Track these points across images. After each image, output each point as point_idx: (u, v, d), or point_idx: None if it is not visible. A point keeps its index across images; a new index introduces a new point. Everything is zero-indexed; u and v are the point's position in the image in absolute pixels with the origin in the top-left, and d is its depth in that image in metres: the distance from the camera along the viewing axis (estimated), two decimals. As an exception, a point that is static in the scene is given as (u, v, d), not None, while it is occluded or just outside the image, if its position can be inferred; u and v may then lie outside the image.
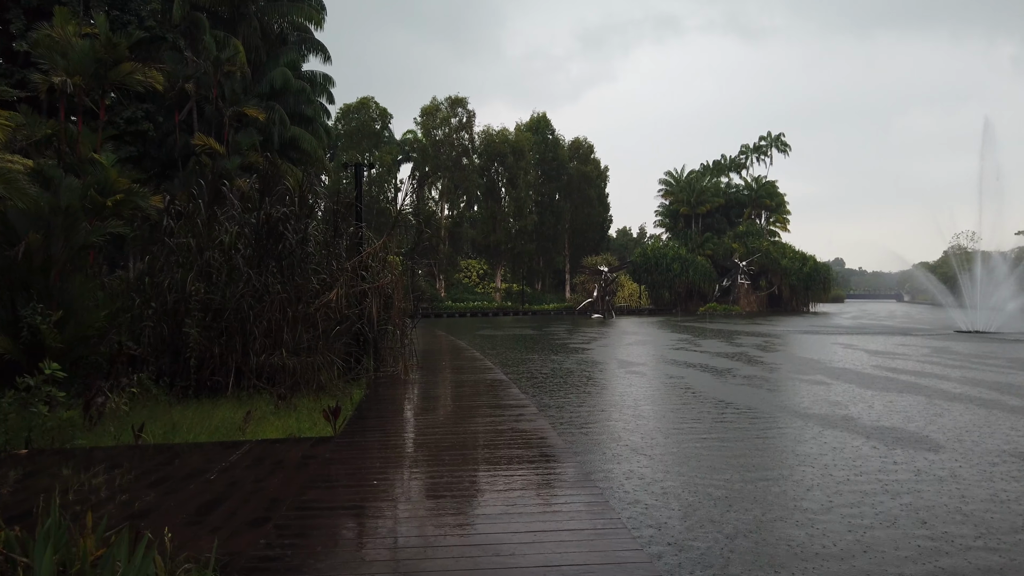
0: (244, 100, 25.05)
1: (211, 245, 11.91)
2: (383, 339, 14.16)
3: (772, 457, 9.21)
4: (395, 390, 11.82)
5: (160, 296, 11.65)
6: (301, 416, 9.72)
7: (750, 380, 17.38)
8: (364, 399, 10.81)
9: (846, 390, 15.63)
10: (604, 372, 19.48)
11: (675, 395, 14.95)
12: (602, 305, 61.48)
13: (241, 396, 11.60)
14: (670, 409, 13.11)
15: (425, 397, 11.28)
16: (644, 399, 14.29)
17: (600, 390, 15.85)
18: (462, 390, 12.19)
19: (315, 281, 11.95)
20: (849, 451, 9.51)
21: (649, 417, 12.07)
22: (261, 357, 11.54)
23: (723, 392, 15.19)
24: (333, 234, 12.79)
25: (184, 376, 11.67)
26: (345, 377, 12.74)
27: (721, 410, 12.82)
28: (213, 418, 9.31)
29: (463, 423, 8.83)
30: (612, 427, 11.02)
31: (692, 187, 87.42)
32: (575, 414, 12.13)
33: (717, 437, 10.38)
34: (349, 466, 6.62)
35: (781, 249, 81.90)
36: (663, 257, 78.14)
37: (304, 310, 11.89)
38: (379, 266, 13.22)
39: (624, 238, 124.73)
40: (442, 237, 68.45)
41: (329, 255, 12.74)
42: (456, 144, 69.25)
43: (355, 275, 12.88)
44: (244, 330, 11.85)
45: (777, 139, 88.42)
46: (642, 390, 15.70)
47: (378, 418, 9.16)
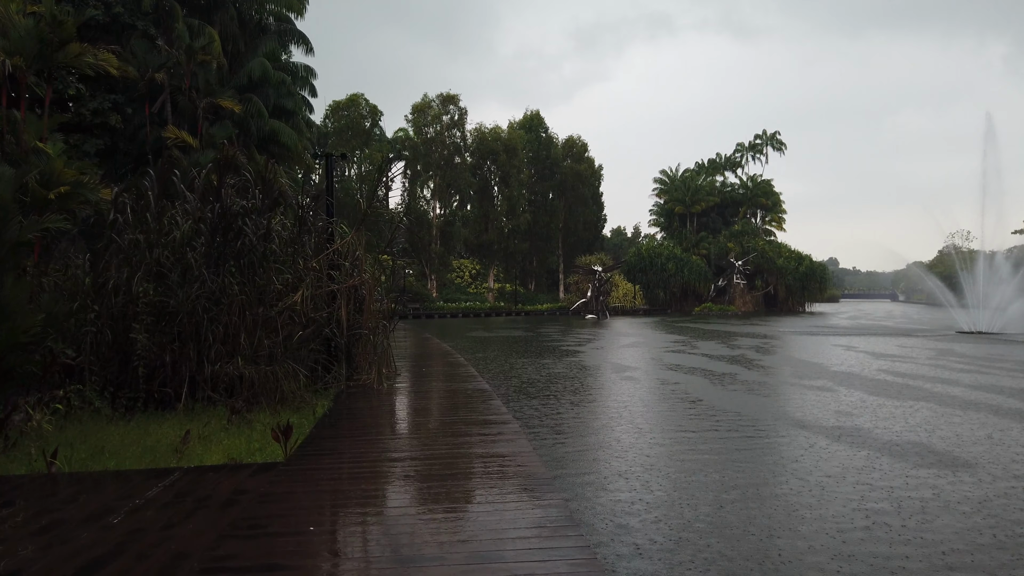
0: (219, 92, 23.89)
1: (161, 242, 10.80)
2: (357, 345, 13.05)
3: (786, 486, 8.15)
4: (364, 402, 10.71)
5: (104, 298, 10.53)
6: (254, 434, 8.62)
7: (751, 387, 16.34)
8: (327, 414, 9.71)
9: (853, 397, 14.60)
10: (597, 378, 18.42)
11: (673, 405, 13.88)
12: (596, 305, 60.45)
13: (196, 409, 10.51)
14: (668, 423, 12.04)
15: (396, 411, 10.17)
16: (640, 410, 13.22)
17: (592, 400, 14.79)
18: (439, 403, 11.08)
19: (277, 282, 10.84)
20: (874, 472, 8.45)
21: (645, 432, 11.00)
22: (216, 366, 10.44)
23: (724, 400, 14.14)
24: (298, 230, 11.66)
25: (133, 387, 10.58)
26: (313, 387, 11.65)
27: (723, 422, 11.76)
28: (150, 438, 8.21)
29: (433, 445, 7.74)
30: (604, 447, 9.94)
31: (687, 186, 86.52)
32: (562, 432, 11.04)
33: (720, 459, 9.32)
34: (287, 504, 5.53)
35: (777, 248, 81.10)
36: (658, 256, 77.22)
37: (265, 313, 10.78)
38: (351, 265, 12.11)
39: (618, 238, 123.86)
40: (434, 236, 67.29)
41: (295, 253, 11.64)
42: (448, 142, 68.09)
43: (323, 274, 11.77)
44: (199, 336, 10.75)
45: (772, 137, 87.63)
46: (638, 399, 14.64)
47: (337, 438, 8.06)
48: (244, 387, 10.16)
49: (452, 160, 68.40)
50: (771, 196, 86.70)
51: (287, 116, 28.24)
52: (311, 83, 31.77)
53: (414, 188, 68.69)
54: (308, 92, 31.92)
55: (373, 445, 7.71)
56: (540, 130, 78.69)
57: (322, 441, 7.86)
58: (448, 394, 11.77)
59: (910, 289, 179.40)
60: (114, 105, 20.23)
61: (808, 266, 79.23)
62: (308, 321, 11.19)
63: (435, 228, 67.61)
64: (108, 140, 21.92)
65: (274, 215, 11.76)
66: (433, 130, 67.52)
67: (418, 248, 66.70)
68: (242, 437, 8.50)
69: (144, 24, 22.77)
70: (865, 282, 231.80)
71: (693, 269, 77.50)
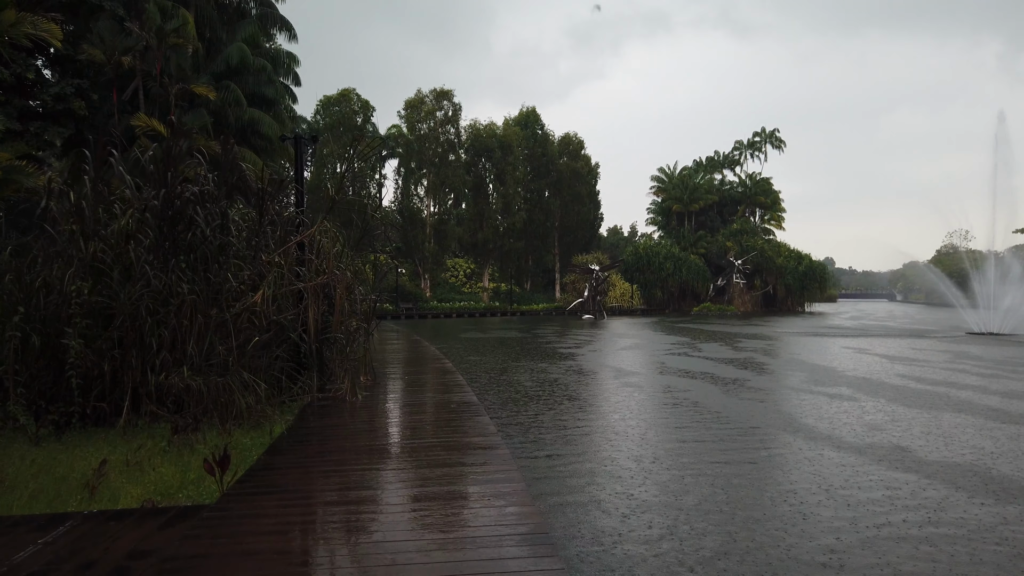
0: (194, 78, 22.44)
1: (101, 233, 9.40)
2: (330, 350, 11.64)
3: (845, 535, 6.78)
4: (331, 419, 9.30)
5: (30, 299, 9.13)
6: (195, 460, 7.25)
7: (765, 395, 14.99)
8: (286, 434, 8.31)
9: (879, 407, 13.26)
10: (597, 385, 17.05)
11: (683, 418, 12.51)
12: (593, 305, 59.06)
13: (139, 425, 9.14)
14: (680, 441, 10.67)
15: (364, 431, 8.74)
16: (647, 424, 11.85)
17: (593, 413, 13.41)
18: (417, 419, 9.66)
19: (232, 279, 9.43)
20: (940, 511, 7.09)
21: (655, 456, 9.64)
22: (161, 376, 9.05)
23: (738, 412, 12.78)
24: (259, 219, 10.24)
25: (67, 400, 9.18)
26: (277, 400, 10.26)
27: (742, 440, 10.41)
28: (62, 466, 6.82)
29: (401, 483, 6.35)
30: (607, 479, 8.56)
31: (685, 184, 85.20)
32: (558, 457, 9.65)
33: (745, 487, 7.96)
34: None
35: (776, 248, 79.84)
36: (655, 255, 75.88)
37: (219, 316, 9.38)
38: (318, 259, 10.70)
39: (615, 237, 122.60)
40: (427, 235, 65.84)
41: (258, 246, 10.23)
42: (442, 139, 66.63)
43: (288, 271, 10.37)
44: (143, 342, 9.36)
45: (771, 135, 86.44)
46: (644, 411, 13.27)
47: (286, 468, 6.66)
48: (192, 401, 8.77)
49: (446, 157, 66.92)
50: (770, 194, 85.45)
51: (268, 105, 26.74)
52: (294, 71, 30.23)
53: (407, 186, 67.21)
54: (291, 81, 30.41)
55: (328, 479, 6.31)
56: (536, 127, 77.22)
57: (268, 473, 6.47)
58: (430, 408, 10.36)
59: (907, 289, 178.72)
60: (78, 91, 18.78)
61: (808, 265, 77.97)
62: (270, 324, 9.79)
63: (429, 226, 66.18)
64: (74, 129, 20.49)
65: (234, 204, 10.37)
66: (427, 126, 66.05)
67: (411, 247, 65.26)
68: (178, 465, 7.12)
69: (112, 4, 21.26)
70: (861, 282, 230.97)
71: (691, 268, 76.19)
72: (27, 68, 18.72)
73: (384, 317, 53.00)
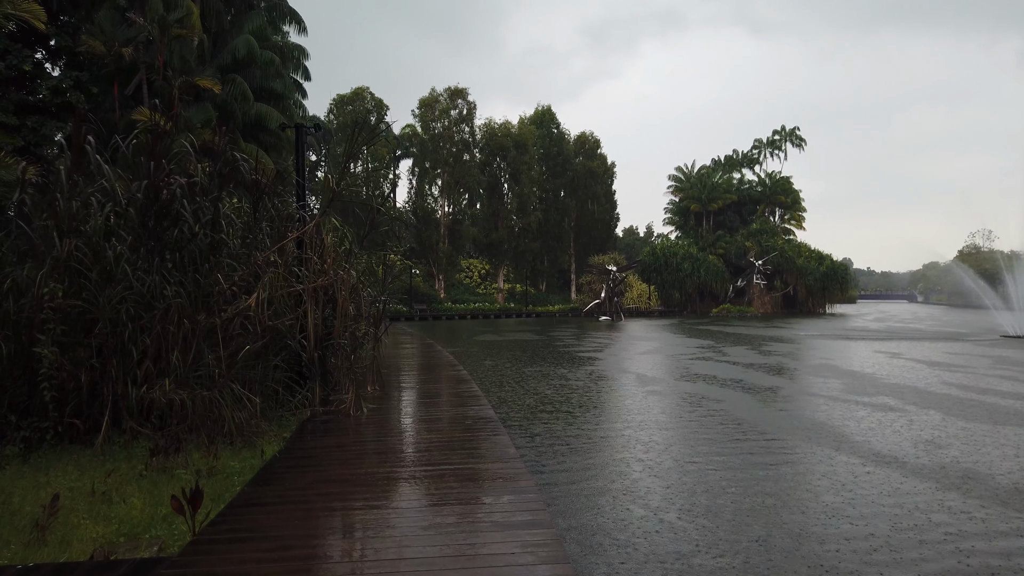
0: (199, 71, 21.63)
1: (81, 230, 8.49)
2: (334, 358, 10.68)
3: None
4: (331, 438, 8.31)
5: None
6: (173, 487, 6.31)
7: (805, 406, 13.89)
8: (278, 456, 7.34)
9: (931, 420, 12.14)
10: (620, 393, 16.01)
11: (721, 433, 11.44)
12: (610, 307, 57.92)
13: (121, 443, 8.23)
14: (726, 468, 9.62)
15: (368, 455, 7.71)
16: (679, 440, 10.81)
17: (618, 425, 12.37)
18: (429, 439, 8.60)
19: (224, 281, 8.48)
20: None
21: (697, 486, 8.60)
22: (143, 389, 8.12)
23: (778, 425, 11.70)
24: (254, 215, 9.29)
25: (41, 415, 8.28)
26: (274, 414, 9.31)
27: (791, 462, 9.35)
28: (17, 496, 5.90)
29: (408, 526, 5.35)
30: (642, 512, 7.54)
31: (703, 183, 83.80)
32: (585, 481, 8.64)
33: (812, 524, 6.91)
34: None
35: (796, 248, 78.29)
36: (673, 256, 74.58)
37: (209, 321, 8.44)
38: (319, 258, 9.74)
39: (630, 237, 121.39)
40: (442, 235, 64.97)
41: (253, 244, 9.29)
42: (456, 138, 65.73)
43: (286, 271, 9.42)
44: (124, 351, 8.44)
45: (792, 133, 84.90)
46: (674, 424, 12.22)
47: (270, 506, 5.68)
48: (174, 418, 7.83)
49: (461, 157, 66.04)
50: (790, 193, 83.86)
51: (276, 100, 25.86)
52: (304, 65, 29.36)
53: (421, 186, 66.39)
54: (301, 75, 29.55)
55: (321, 520, 5.32)
56: (551, 126, 76.20)
57: (252, 511, 5.50)
58: (444, 425, 9.34)
59: (928, 290, 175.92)
60: (77, 83, 17.99)
61: (829, 266, 76.36)
62: (265, 331, 8.84)
63: (443, 227, 65.33)
64: (70, 123, 19.68)
65: (227, 198, 9.45)
66: (441, 125, 65.22)
67: (425, 247, 64.44)
68: (152, 495, 6.19)
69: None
70: (880, 283, 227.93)
71: (710, 269, 74.80)
72: (24, 60, 17.97)
73: (397, 319, 52.18)
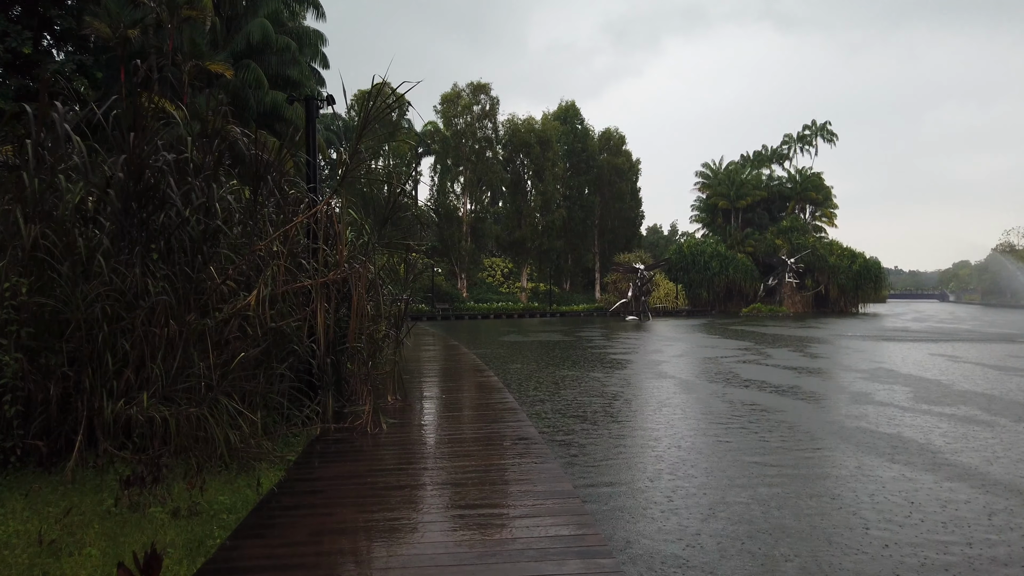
0: (211, 56, 20.48)
1: (43, 215, 7.20)
2: (350, 363, 9.32)
3: None
4: (343, 464, 6.90)
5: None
6: (140, 534, 4.99)
7: (878, 418, 12.31)
8: (274, 492, 5.97)
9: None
10: (665, 401, 14.50)
11: (789, 455, 9.94)
12: (637, 306, 56.22)
13: (95, 467, 6.94)
14: (818, 487, 8.13)
15: (387, 489, 6.13)
16: (752, 466, 9.32)
17: (673, 443, 10.90)
18: (459, 465, 6.97)
19: (215, 275, 7.13)
20: None
21: (808, 530, 7.13)
22: (119, 404, 6.81)
23: (857, 441, 10.16)
24: (253, 198, 7.94)
25: (3, 433, 7.02)
26: (279, 431, 7.96)
27: (893, 492, 7.82)
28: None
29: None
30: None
31: (731, 179, 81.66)
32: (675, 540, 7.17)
33: None
34: None
35: (828, 246, 75.99)
36: (700, 254, 72.66)
37: (199, 323, 7.10)
38: (336, 250, 8.37)
39: (654, 236, 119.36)
40: (464, 233, 63.65)
41: (255, 231, 7.94)
42: (479, 135, 64.34)
43: (290, 263, 8.06)
44: (100, 358, 7.14)
45: (823, 128, 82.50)
46: (739, 443, 10.73)
47: (259, 573, 4.29)
48: (155, 439, 6.51)
49: (483, 153, 64.65)
50: (821, 190, 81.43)
51: (292, 87, 24.65)
52: (322, 51, 28.03)
53: (443, 183, 65.13)
54: (319, 63, 28.28)
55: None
56: (575, 122, 74.54)
57: (230, 567, 4.12)
58: (477, 448, 7.85)
59: (960, 289, 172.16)
60: (80, 67, 16.89)
61: (862, 264, 73.98)
62: (267, 333, 7.49)
63: (465, 225, 64.00)
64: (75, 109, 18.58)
65: (226, 179, 8.12)
66: (463, 121, 63.85)
67: (447, 245, 63.18)
68: (113, 544, 4.85)
69: (120, -28, 19.38)
70: (908, 282, 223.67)
71: (738, 267, 72.76)
72: (23, 42, 16.87)
73: (419, 318, 50.96)
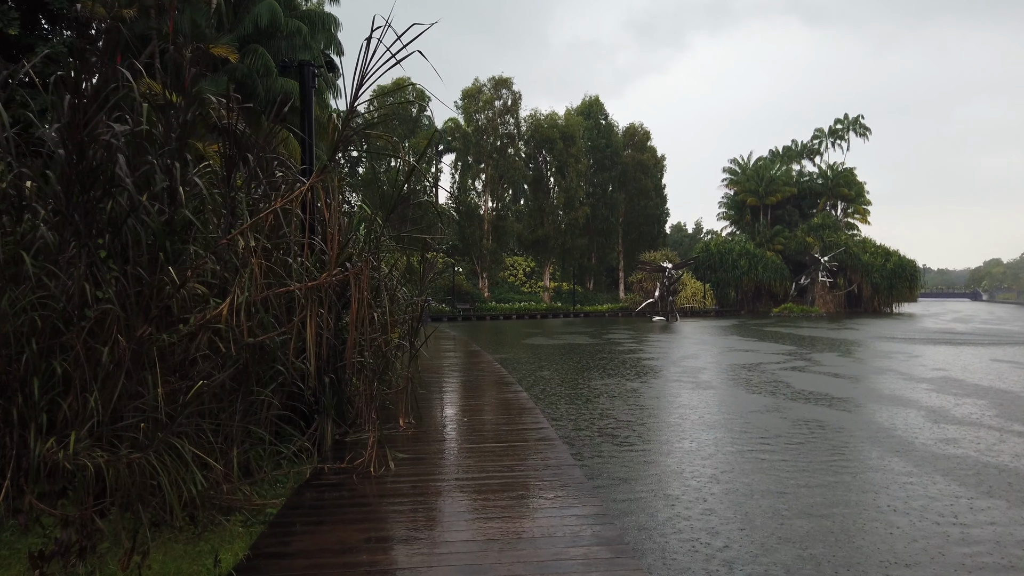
0: (215, 39, 19.13)
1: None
2: (357, 381, 7.77)
3: None
4: (334, 529, 5.25)
5: None
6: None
7: (972, 442, 10.55)
8: (240, 568, 4.40)
9: None
10: (719, 421, 12.81)
11: (897, 490, 8.24)
12: (664, 306, 54.33)
13: (17, 526, 5.45)
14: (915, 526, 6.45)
15: (394, 571, 4.62)
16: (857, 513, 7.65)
17: (735, 470, 9.23)
18: (489, 530, 5.29)
19: (175, 276, 5.59)
20: None
21: None
22: (50, 443, 5.31)
23: (964, 474, 8.44)
24: (226, 180, 6.41)
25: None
26: (265, 471, 6.41)
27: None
28: None
29: None
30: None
31: (760, 175, 79.31)
32: None
33: None
34: None
35: (860, 244, 73.51)
36: (728, 252, 70.57)
37: (156, 339, 5.58)
38: (335, 246, 6.80)
39: (678, 234, 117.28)
40: (485, 232, 62.16)
41: (228, 223, 6.41)
42: (500, 131, 62.79)
43: (280, 262, 6.51)
44: (29, 387, 5.64)
45: (855, 122, 79.93)
46: (813, 474, 9.04)
47: None
48: (89, 493, 4.99)
49: (505, 150, 63.12)
50: (854, 186, 78.83)
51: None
52: (336, 38, 26.52)
53: (464, 180, 63.70)
54: (333, 49, 26.76)
55: None
56: (599, 117, 72.74)
57: None
58: (510, 500, 6.22)
59: (994, 288, 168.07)
60: (72, 51, 15.62)
61: (896, 263, 71.43)
62: (242, 350, 5.94)
63: (487, 223, 62.52)
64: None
65: (190, 157, 6.60)
66: (484, 116, 62.35)
67: (468, 244, 61.75)
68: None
69: (117, -49, 18.08)
70: (936, 280, 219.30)
71: (768, 266, 70.53)
72: (9, 23, 15.59)
73: (440, 319, 49.54)
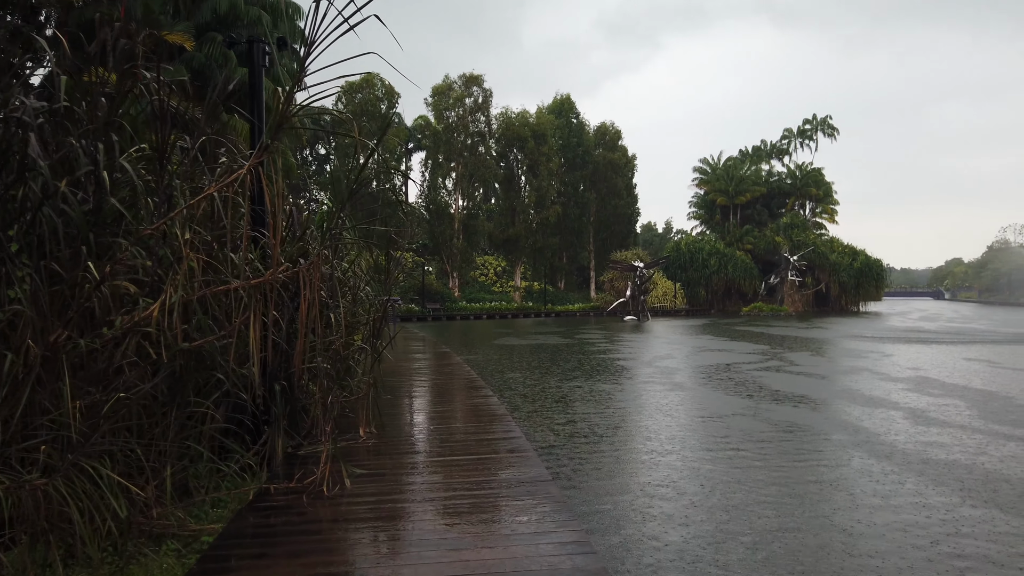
0: (170, 25, 18.21)
1: None
2: (314, 387, 7.09)
3: None
4: (271, 565, 4.59)
5: None
6: None
7: (962, 446, 10.19)
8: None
9: None
10: (700, 424, 12.33)
11: (912, 500, 7.79)
12: (635, 306, 54.09)
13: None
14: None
15: None
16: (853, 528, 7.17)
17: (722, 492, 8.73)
18: (450, 564, 4.84)
19: (94, 273, 4.88)
20: None
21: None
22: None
23: (957, 485, 8.03)
24: (158, 165, 5.70)
25: None
26: (204, 492, 5.70)
27: None
28: None
29: None
30: None
31: (730, 175, 79.69)
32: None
33: None
34: None
35: (828, 243, 74.25)
36: (699, 252, 70.75)
37: (73, 344, 4.86)
38: (276, 235, 6.12)
39: (648, 233, 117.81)
40: (456, 231, 61.41)
41: (159, 212, 5.70)
42: (471, 129, 62.09)
43: (215, 256, 5.82)
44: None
45: (823, 122, 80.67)
46: (803, 484, 8.58)
47: None
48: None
49: (476, 148, 62.44)
50: (822, 186, 79.58)
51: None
52: (300, 28, 25.72)
53: (434, 179, 62.87)
54: (298, 41, 25.83)
55: None
56: (571, 115, 72.38)
57: None
58: (481, 521, 5.66)
59: (956, 287, 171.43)
60: (14, 36, 14.63)
61: (863, 262, 72.26)
62: (175, 356, 5.24)
63: (457, 222, 61.76)
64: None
65: (115, 137, 5.87)
66: (455, 114, 61.58)
67: (439, 243, 60.96)
68: None
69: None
70: (900, 279, 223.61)
71: (738, 265, 70.84)
72: (-59, 4, 14.49)
73: (409, 319, 48.72)
